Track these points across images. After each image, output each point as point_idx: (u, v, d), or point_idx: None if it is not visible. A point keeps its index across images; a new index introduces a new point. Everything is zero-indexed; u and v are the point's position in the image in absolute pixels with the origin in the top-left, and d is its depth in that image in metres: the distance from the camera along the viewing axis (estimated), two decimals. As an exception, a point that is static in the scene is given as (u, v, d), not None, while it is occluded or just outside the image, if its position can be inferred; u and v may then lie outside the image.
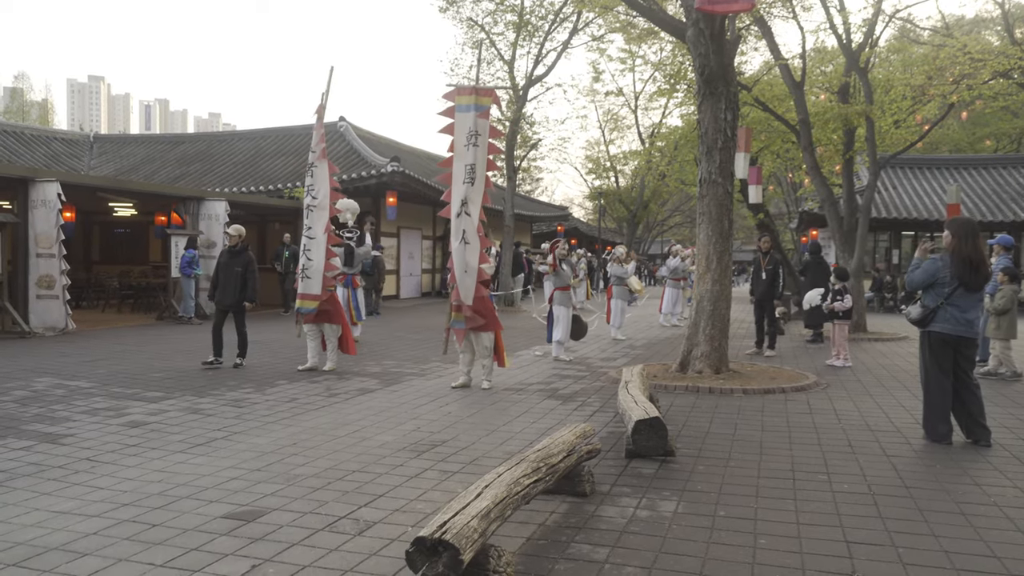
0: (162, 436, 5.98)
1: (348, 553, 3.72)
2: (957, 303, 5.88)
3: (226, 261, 9.61)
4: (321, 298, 9.35)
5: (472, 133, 8.00)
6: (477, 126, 8.01)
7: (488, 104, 8.16)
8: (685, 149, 23.37)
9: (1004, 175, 24.88)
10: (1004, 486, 4.89)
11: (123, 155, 27.76)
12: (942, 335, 5.94)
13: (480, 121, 8.02)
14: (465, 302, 8.04)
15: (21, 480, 4.82)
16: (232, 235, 9.72)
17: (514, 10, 22.00)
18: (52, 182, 12.87)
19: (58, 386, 8.06)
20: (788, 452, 5.71)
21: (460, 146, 8.06)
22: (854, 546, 3.85)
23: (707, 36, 8.83)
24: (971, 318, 5.95)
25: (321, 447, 5.72)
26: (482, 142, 8.05)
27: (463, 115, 8.04)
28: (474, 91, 8.11)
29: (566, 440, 4.50)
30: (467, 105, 8.04)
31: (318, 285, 9.35)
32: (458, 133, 8.08)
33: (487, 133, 8.13)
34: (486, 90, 8.27)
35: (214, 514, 4.23)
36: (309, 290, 9.37)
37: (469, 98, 8.05)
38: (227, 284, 9.52)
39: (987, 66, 13.55)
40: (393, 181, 20.65)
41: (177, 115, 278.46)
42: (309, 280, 9.36)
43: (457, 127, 8.09)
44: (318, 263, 9.35)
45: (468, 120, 8.01)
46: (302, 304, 9.44)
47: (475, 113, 8.00)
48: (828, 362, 10.45)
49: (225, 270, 9.57)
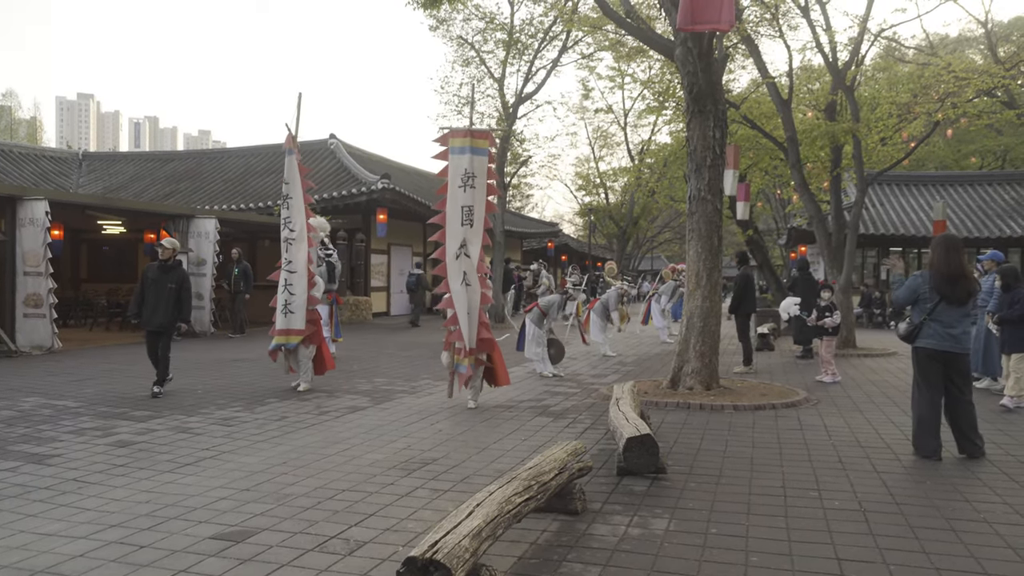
0: (150, 456, 5.93)
1: (338, 574, 3.70)
2: (940, 318, 5.93)
3: (156, 277, 8.73)
4: (304, 333, 9.09)
5: (468, 175, 7.94)
6: (473, 168, 7.94)
7: (486, 147, 8.08)
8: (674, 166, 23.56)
9: (990, 192, 25.18)
10: (994, 502, 4.91)
11: (112, 173, 27.70)
12: (927, 350, 5.99)
13: (477, 162, 7.96)
14: (469, 346, 7.93)
15: (6, 502, 4.77)
16: (166, 248, 8.88)
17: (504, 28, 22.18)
18: (40, 200, 12.82)
19: (45, 406, 7.99)
20: (779, 469, 5.72)
21: (454, 188, 7.98)
22: (845, 563, 3.85)
23: (695, 55, 8.93)
24: (956, 333, 5.93)
25: (311, 466, 5.68)
26: (479, 184, 7.97)
27: (457, 157, 7.99)
28: (469, 133, 8.03)
29: (557, 458, 4.49)
30: (461, 147, 7.97)
31: (301, 320, 9.08)
32: (452, 175, 8.00)
33: (484, 175, 8.04)
34: (482, 132, 8.19)
35: (203, 535, 4.20)
36: (292, 325, 9.09)
37: (464, 140, 7.98)
38: (157, 302, 8.67)
39: (971, 84, 13.75)
40: (383, 198, 20.69)
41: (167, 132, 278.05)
42: (292, 315, 9.09)
43: (451, 169, 8.01)
44: (301, 297, 9.11)
45: (463, 162, 7.95)
46: (286, 340, 9.11)
47: (471, 155, 7.93)
48: (818, 378, 10.48)
49: (155, 287, 8.69)
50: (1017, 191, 24.97)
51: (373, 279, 22.88)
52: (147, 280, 8.76)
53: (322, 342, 9.50)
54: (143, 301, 8.73)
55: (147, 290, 8.72)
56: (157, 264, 8.88)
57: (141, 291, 8.77)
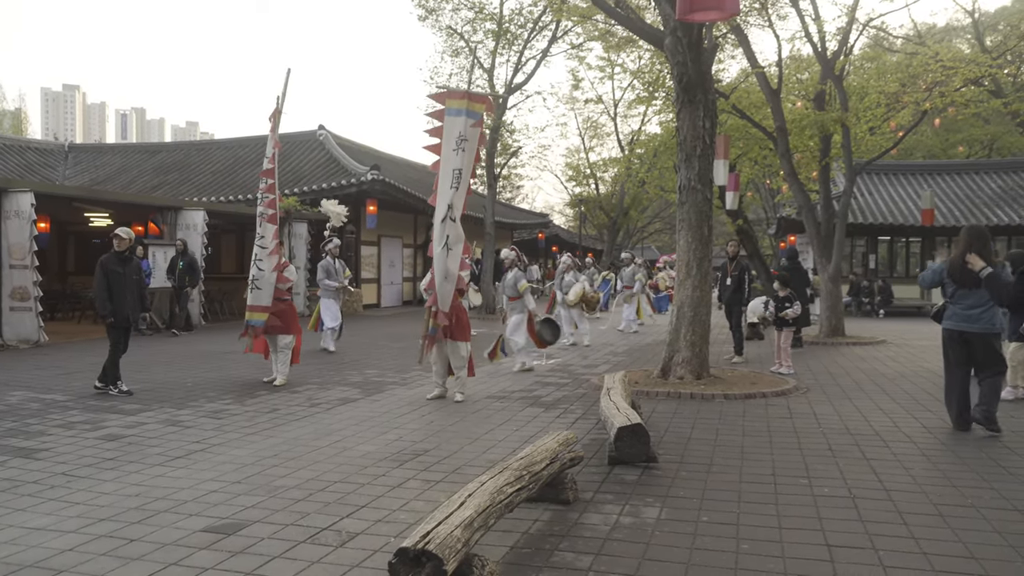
0: (140, 449, 5.90)
1: (330, 565, 3.69)
2: (960, 301, 6.46)
3: (120, 270, 8.26)
4: (270, 309, 8.98)
5: (461, 138, 7.83)
6: (467, 131, 7.85)
7: (481, 111, 8.00)
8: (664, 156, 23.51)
9: (977, 180, 25.30)
10: (981, 488, 4.95)
11: (99, 165, 27.46)
12: (949, 330, 6.58)
13: (471, 127, 7.88)
14: (442, 308, 7.88)
15: (-5, 496, 4.73)
16: (123, 238, 8.33)
17: (493, 18, 22.08)
18: (25, 192, 12.69)
19: (33, 400, 7.93)
20: (769, 457, 5.75)
21: (448, 150, 7.88)
22: (835, 549, 3.88)
23: (685, 44, 8.91)
24: (972, 313, 6.39)
25: (302, 458, 5.67)
26: (469, 148, 7.90)
27: (453, 119, 7.86)
28: (467, 96, 7.97)
29: (549, 448, 4.50)
30: (458, 109, 7.86)
31: (268, 296, 8.99)
32: (447, 136, 7.89)
33: (476, 140, 7.98)
34: (480, 96, 8.11)
35: (193, 528, 4.18)
36: (259, 301, 8.98)
37: (461, 102, 7.89)
38: (124, 296, 8.26)
39: (959, 73, 13.80)
40: (373, 189, 20.62)
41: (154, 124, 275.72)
42: (259, 291, 8.99)
43: (446, 130, 7.89)
44: (269, 274, 9.02)
45: (459, 124, 7.84)
46: (251, 316, 9.00)
47: (466, 118, 7.83)
48: (772, 369, 10.24)
49: (119, 280, 8.23)
50: (1004, 179, 25.10)
51: (363, 271, 22.80)
52: (111, 273, 8.21)
53: (299, 333, 9.33)
54: (112, 295, 8.21)
55: (115, 283, 8.21)
56: (115, 256, 8.30)
57: (108, 285, 8.18)
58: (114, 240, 8.39)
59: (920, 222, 20.83)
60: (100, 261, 8.31)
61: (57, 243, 20.79)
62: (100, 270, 8.23)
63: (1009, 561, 3.75)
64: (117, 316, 8.24)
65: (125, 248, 8.36)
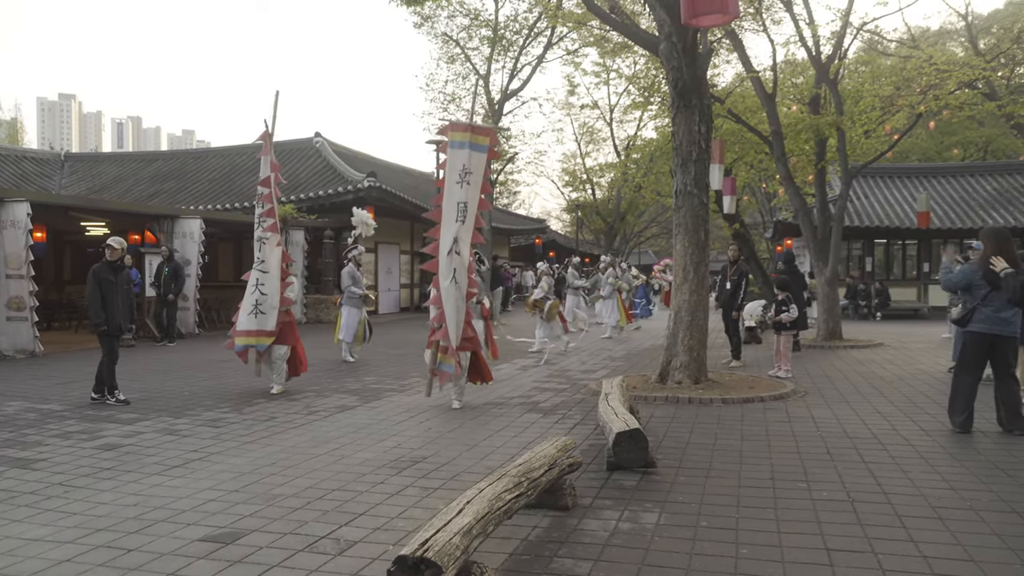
0: (137, 459, 5.89)
1: (328, 574, 3.68)
2: (991, 303, 6.40)
3: (112, 279, 8.28)
4: (275, 334, 8.92)
5: (464, 171, 7.77)
6: (471, 164, 7.78)
7: (485, 145, 7.91)
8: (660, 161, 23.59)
9: (972, 183, 25.39)
10: (980, 490, 4.96)
11: (95, 174, 27.45)
12: (979, 334, 6.49)
13: (475, 159, 7.80)
14: (453, 344, 7.74)
15: (-9, 507, 4.71)
16: (115, 248, 8.33)
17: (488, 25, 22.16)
18: (22, 202, 12.68)
19: (29, 410, 7.91)
20: (768, 461, 5.75)
21: (452, 183, 7.82)
22: (834, 553, 3.87)
23: (679, 50, 8.94)
24: (1005, 317, 6.40)
25: (300, 466, 5.66)
26: (474, 180, 7.81)
27: (456, 151, 7.82)
28: (470, 128, 7.88)
29: (547, 454, 4.49)
30: (461, 142, 7.81)
31: (273, 321, 8.92)
32: (450, 170, 7.84)
33: (481, 172, 7.88)
34: (484, 129, 8.02)
35: (191, 537, 4.17)
36: (264, 326, 8.90)
37: (464, 135, 7.82)
38: (116, 304, 8.26)
39: (952, 77, 13.85)
40: (370, 196, 20.62)
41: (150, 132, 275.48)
42: (263, 316, 8.92)
43: (449, 163, 7.85)
44: (273, 297, 8.95)
45: (462, 157, 7.78)
46: (258, 341, 8.93)
47: (469, 151, 7.77)
48: (770, 373, 10.29)
49: (112, 289, 8.25)
50: (999, 181, 25.19)
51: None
52: (104, 282, 8.21)
53: (297, 343, 9.28)
54: (106, 304, 8.19)
55: (108, 293, 8.21)
56: (107, 265, 8.29)
57: (101, 295, 8.16)
58: (106, 250, 8.40)
59: (916, 225, 20.86)
60: (92, 270, 8.32)
61: (54, 252, 20.75)
62: (93, 279, 8.25)
63: (1008, 564, 3.75)
64: (110, 324, 8.27)
65: (118, 257, 8.40)
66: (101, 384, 8.33)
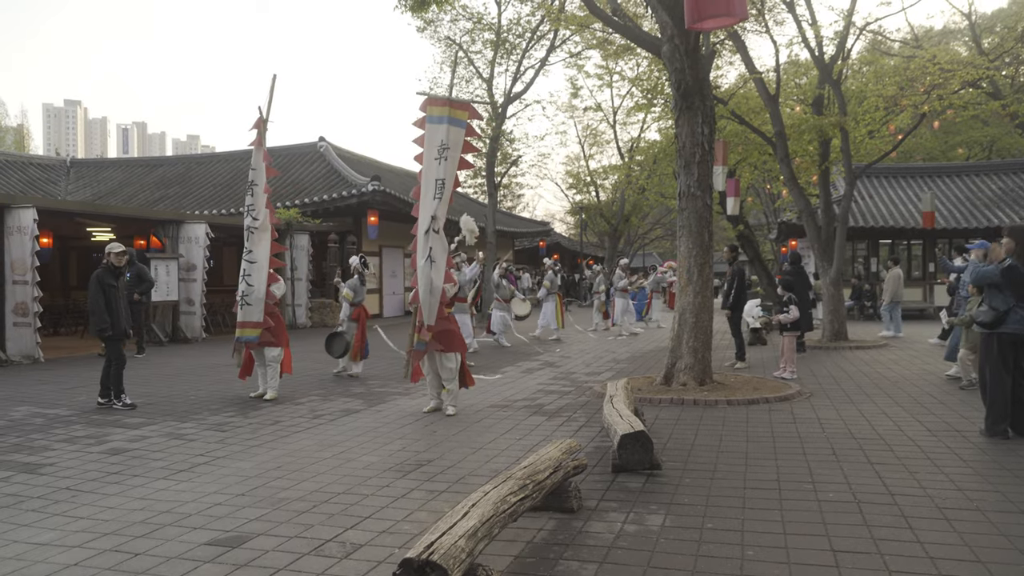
0: (144, 463, 5.90)
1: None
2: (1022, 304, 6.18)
3: (115, 283, 8.41)
4: (263, 325, 8.89)
5: (443, 146, 7.62)
6: (449, 139, 7.62)
7: (464, 119, 7.75)
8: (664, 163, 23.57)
9: (976, 182, 25.31)
10: (986, 490, 4.94)
11: (100, 179, 27.56)
12: (1014, 335, 6.24)
13: (453, 134, 7.64)
14: (427, 322, 7.65)
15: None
16: (120, 254, 8.51)
17: (491, 28, 22.18)
18: (28, 208, 12.73)
19: (36, 415, 7.94)
20: (773, 462, 5.74)
21: (430, 159, 7.68)
22: (840, 555, 3.87)
23: (682, 51, 8.94)
24: None
25: (306, 469, 5.67)
26: (452, 156, 7.65)
27: (434, 127, 7.65)
28: (448, 103, 7.71)
29: (552, 456, 4.49)
30: (439, 117, 7.64)
31: (259, 312, 8.87)
32: (428, 145, 7.69)
33: (459, 147, 7.73)
34: (461, 103, 7.86)
35: (198, 541, 4.18)
36: (249, 317, 8.86)
37: (442, 109, 7.66)
38: (119, 309, 8.39)
39: (956, 76, 13.82)
40: (374, 200, 20.66)
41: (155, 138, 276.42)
42: (249, 307, 8.86)
43: (427, 139, 7.70)
44: (259, 289, 8.88)
45: (440, 132, 7.62)
46: (243, 333, 8.89)
47: (448, 125, 7.62)
48: (775, 374, 10.27)
49: (116, 293, 8.39)
50: (1004, 181, 25.11)
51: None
52: (108, 287, 8.31)
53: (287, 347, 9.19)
54: (112, 310, 8.29)
55: (113, 299, 8.32)
56: (109, 270, 8.39)
57: (106, 300, 8.25)
58: (113, 256, 8.49)
59: (921, 224, 20.81)
60: (96, 276, 8.38)
61: (59, 258, 20.85)
62: (97, 285, 8.31)
63: (1015, 564, 3.74)
64: (115, 329, 8.36)
65: (124, 263, 8.57)
66: (107, 389, 8.37)
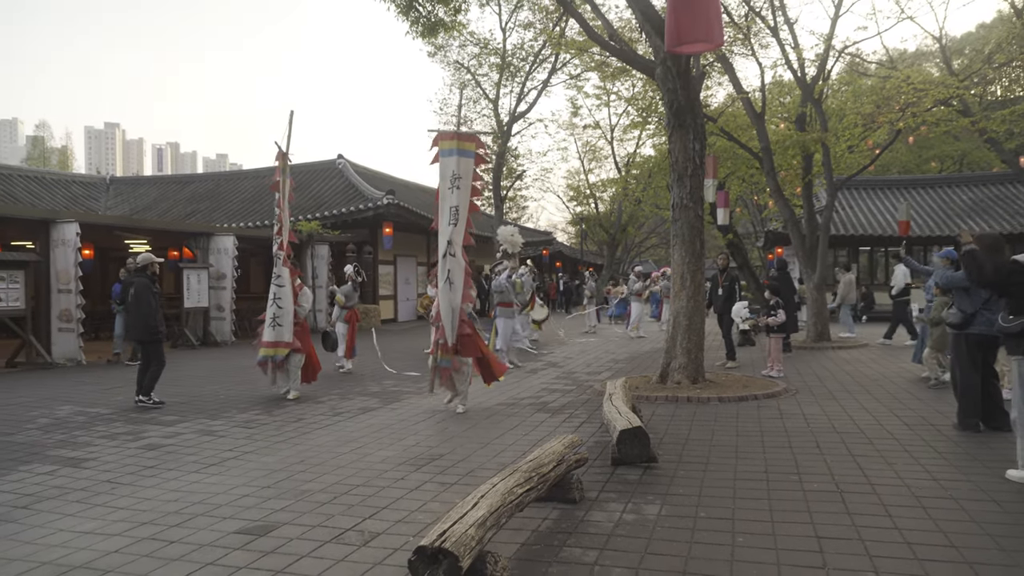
0: (177, 457, 5.92)
1: (354, 563, 3.69)
2: (992, 307, 6.13)
3: (155, 290, 8.55)
4: (292, 345, 8.92)
5: (455, 176, 7.73)
6: (459, 169, 7.73)
7: (472, 150, 7.85)
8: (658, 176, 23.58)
9: (949, 193, 25.24)
10: (959, 480, 4.92)
11: (137, 195, 27.70)
12: (980, 336, 6.21)
13: (463, 164, 7.74)
14: (450, 341, 7.69)
15: (46, 503, 4.76)
16: (146, 262, 8.64)
17: (497, 53, 22.28)
18: (71, 223, 12.83)
19: (79, 413, 7.97)
20: (762, 455, 5.72)
21: (444, 189, 7.81)
22: (824, 541, 3.85)
23: (674, 73, 8.95)
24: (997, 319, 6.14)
25: (327, 463, 5.68)
26: (464, 185, 7.75)
27: (446, 159, 7.78)
28: (456, 136, 7.83)
29: (556, 450, 4.50)
30: (449, 149, 7.77)
31: (289, 332, 8.96)
32: (442, 176, 7.82)
33: (469, 176, 7.82)
34: (468, 135, 7.97)
35: (228, 529, 4.19)
36: (281, 338, 8.91)
37: (451, 143, 7.78)
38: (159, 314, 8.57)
39: (929, 95, 13.80)
40: (389, 213, 20.71)
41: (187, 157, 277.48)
42: (280, 328, 8.93)
43: (440, 171, 7.83)
44: (289, 310, 8.98)
45: (451, 164, 7.74)
46: (275, 352, 8.90)
47: (457, 157, 7.72)
48: (763, 372, 10.25)
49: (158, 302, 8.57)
50: (974, 192, 25.04)
51: (381, 288, 22.88)
52: (154, 296, 8.45)
53: (311, 350, 9.24)
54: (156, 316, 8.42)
55: (156, 306, 8.45)
56: (150, 279, 8.52)
57: (151, 306, 8.36)
58: (152, 265, 8.64)
59: (898, 232, 20.73)
60: (143, 284, 8.43)
61: (100, 268, 20.94)
62: (147, 293, 8.38)
63: (986, 549, 3.72)
64: (157, 332, 8.51)
65: (154, 270, 8.72)
66: (144, 387, 8.40)
